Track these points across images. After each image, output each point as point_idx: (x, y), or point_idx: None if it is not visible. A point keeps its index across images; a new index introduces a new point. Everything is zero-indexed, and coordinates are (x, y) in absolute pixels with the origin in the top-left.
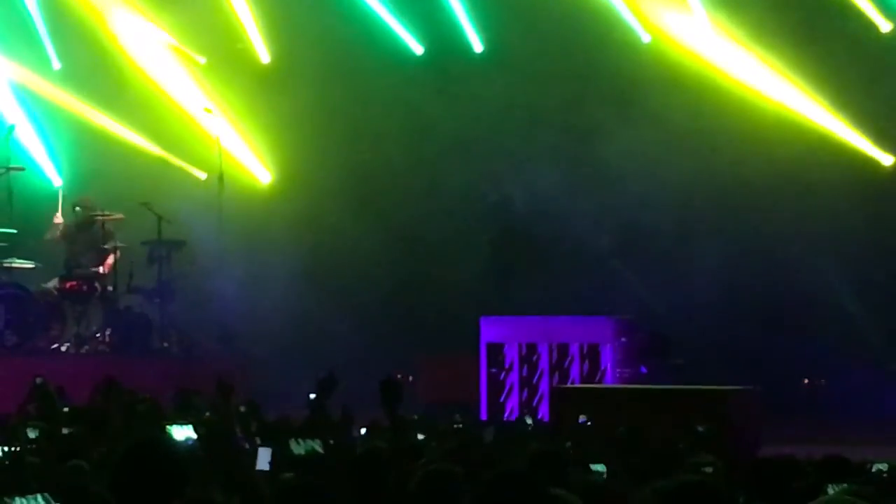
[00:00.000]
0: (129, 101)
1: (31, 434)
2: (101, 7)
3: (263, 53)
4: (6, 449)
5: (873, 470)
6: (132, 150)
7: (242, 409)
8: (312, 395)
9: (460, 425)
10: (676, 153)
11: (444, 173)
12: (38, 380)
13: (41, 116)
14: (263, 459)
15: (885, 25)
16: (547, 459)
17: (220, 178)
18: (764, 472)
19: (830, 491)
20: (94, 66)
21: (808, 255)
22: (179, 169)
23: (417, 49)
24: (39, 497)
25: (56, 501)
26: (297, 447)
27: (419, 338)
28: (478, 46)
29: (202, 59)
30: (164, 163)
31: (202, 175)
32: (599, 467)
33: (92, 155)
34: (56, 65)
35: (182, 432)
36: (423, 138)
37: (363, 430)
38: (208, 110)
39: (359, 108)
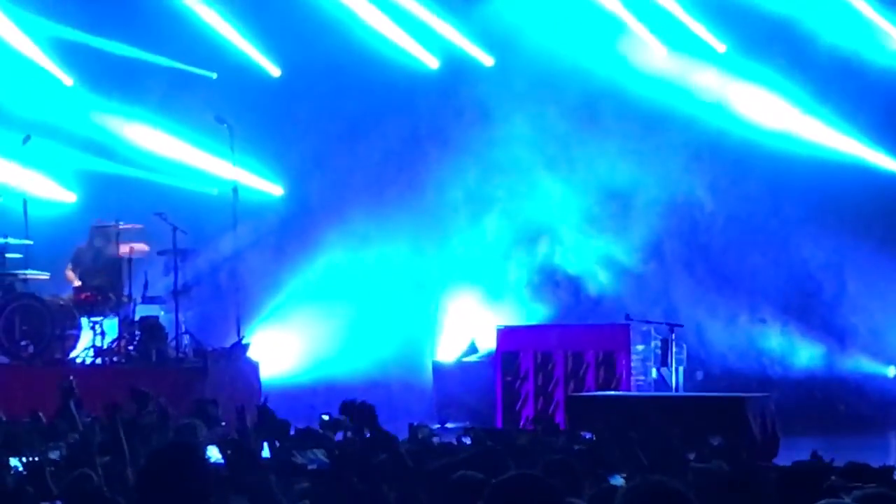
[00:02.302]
0: (144, 112)
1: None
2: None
3: (274, 67)
4: (26, 460)
5: (895, 476)
6: (147, 162)
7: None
8: (326, 417)
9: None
10: (692, 167)
11: (456, 184)
12: (66, 383)
13: (57, 128)
14: None
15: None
16: (562, 468)
17: (235, 189)
18: (789, 479)
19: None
20: (108, 79)
21: (832, 264)
22: (194, 180)
23: (432, 63)
24: None
25: None
26: (302, 458)
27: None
28: (488, 60)
29: (213, 74)
30: (179, 174)
31: (214, 189)
32: (618, 480)
33: (107, 166)
34: (68, 81)
35: (209, 454)
36: (438, 150)
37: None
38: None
39: (373, 121)
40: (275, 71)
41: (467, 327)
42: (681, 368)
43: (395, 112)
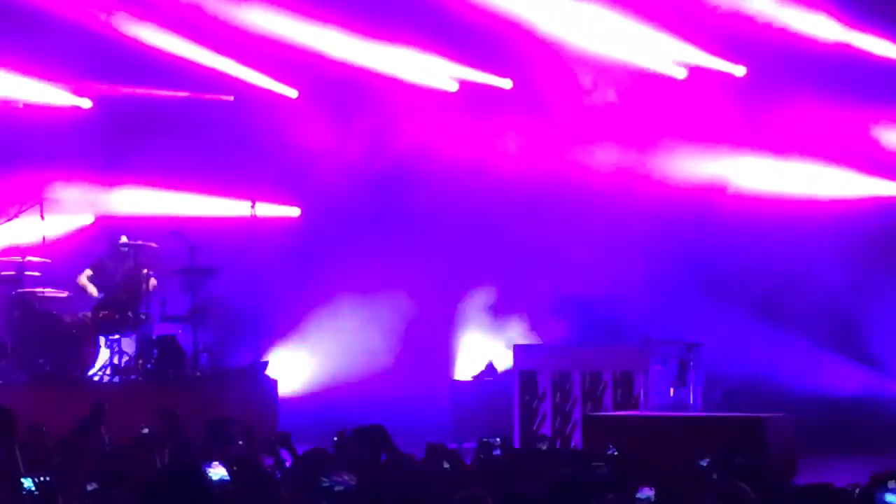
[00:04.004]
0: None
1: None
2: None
3: (292, 89)
4: (38, 479)
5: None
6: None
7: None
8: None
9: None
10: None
11: (467, 205)
12: (98, 404)
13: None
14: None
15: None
16: (569, 487)
17: (253, 208)
18: (807, 499)
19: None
20: (125, 99)
21: (854, 285)
22: (212, 199)
23: (452, 86)
24: None
25: None
26: (329, 482)
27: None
28: (506, 83)
29: (230, 97)
30: (197, 193)
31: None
32: (648, 492)
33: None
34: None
35: (215, 472)
36: (455, 173)
37: None
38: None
39: (391, 143)
40: (291, 93)
41: (485, 346)
42: (699, 388)
43: (410, 132)
